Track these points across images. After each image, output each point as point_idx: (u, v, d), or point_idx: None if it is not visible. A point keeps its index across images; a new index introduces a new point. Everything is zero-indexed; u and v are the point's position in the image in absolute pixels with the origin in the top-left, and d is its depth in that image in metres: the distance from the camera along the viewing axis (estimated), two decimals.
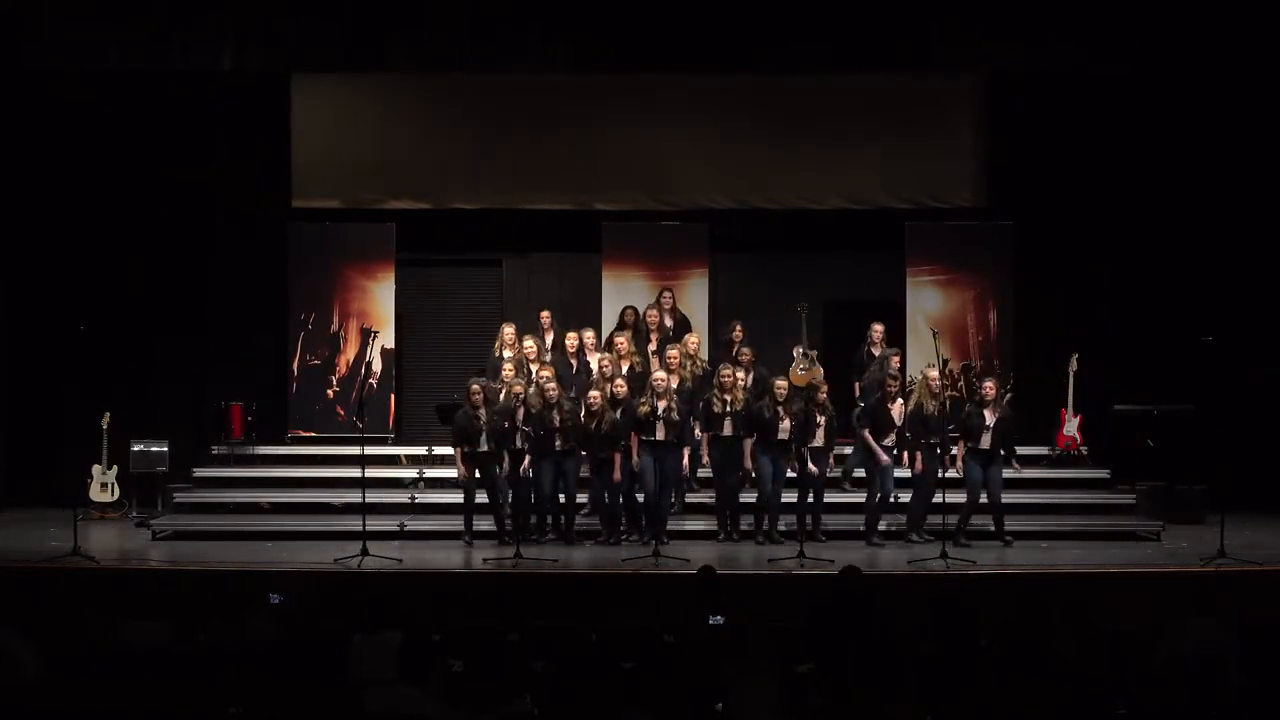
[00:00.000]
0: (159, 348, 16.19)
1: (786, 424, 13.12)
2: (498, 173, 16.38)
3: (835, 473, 14.06)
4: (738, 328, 14.56)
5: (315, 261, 15.98)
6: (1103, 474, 14.80)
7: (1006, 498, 13.71)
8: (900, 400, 13.57)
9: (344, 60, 14.30)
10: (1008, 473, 13.46)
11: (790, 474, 13.31)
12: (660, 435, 13.04)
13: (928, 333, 15.12)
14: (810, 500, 13.32)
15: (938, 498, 12.98)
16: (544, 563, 12.33)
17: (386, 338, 15.81)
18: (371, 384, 15.35)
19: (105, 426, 15.17)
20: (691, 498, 14.11)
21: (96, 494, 15.22)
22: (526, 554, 12.46)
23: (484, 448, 13.17)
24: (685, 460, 13.42)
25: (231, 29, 13.95)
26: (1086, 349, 15.22)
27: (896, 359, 14.38)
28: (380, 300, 15.95)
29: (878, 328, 14.88)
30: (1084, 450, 14.96)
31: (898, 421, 13.43)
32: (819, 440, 13.23)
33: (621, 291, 15.78)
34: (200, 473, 15.07)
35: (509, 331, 14.44)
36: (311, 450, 15.52)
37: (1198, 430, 14.55)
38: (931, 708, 7.39)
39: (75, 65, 14.15)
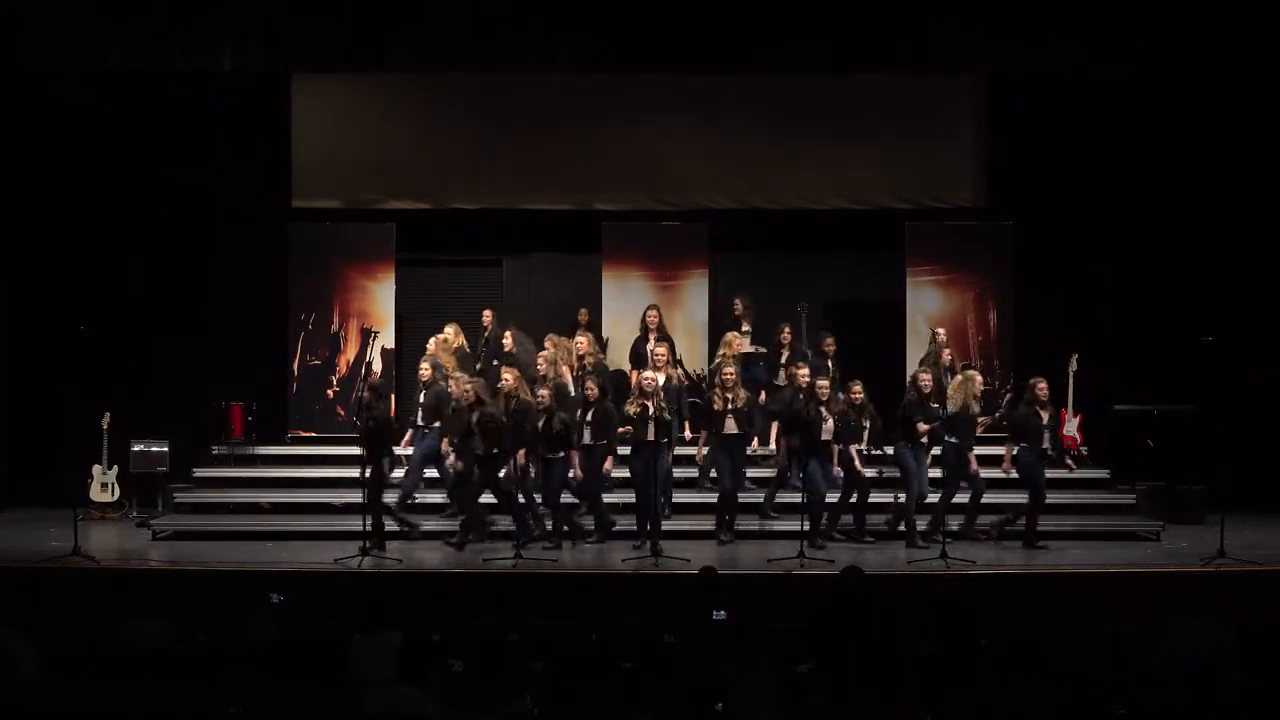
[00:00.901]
0: (159, 348, 16.20)
1: (830, 424, 13.01)
2: (498, 173, 16.39)
3: (872, 472, 13.81)
4: (829, 340, 14.63)
5: (315, 261, 15.99)
6: (1103, 474, 14.80)
7: (1007, 498, 13.75)
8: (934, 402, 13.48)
9: (344, 60, 14.31)
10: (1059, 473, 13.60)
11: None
12: (650, 435, 12.85)
13: (928, 333, 15.17)
14: (854, 500, 13.32)
15: (932, 497, 13.02)
16: (544, 563, 12.32)
17: (386, 338, 15.83)
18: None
19: (105, 426, 15.17)
20: (689, 497, 14.10)
21: (97, 494, 15.22)
22: (527, 554, 12.46)
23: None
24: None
25: (231, 29, 13.96)
26: (1086, 349, 15.22)
27: (948, 354, 14.40)
28: (380, 300, 15.96)
29: (940, 331, 14.93)
30: (1084, 450, 14.95)
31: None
32: (863, 443, 13.18)
33: (622, 291, 15.81)
34: (200, 473, 15.08)
35: (449, 331, 14.64)
36: (311, 450, 15.52)
37: (1198, 430, 14.55)
38: (931, 708, 7.39)
39: (75, 65, 14.16)
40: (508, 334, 14.68)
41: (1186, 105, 15.65)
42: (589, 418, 13.14)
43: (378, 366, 15.50)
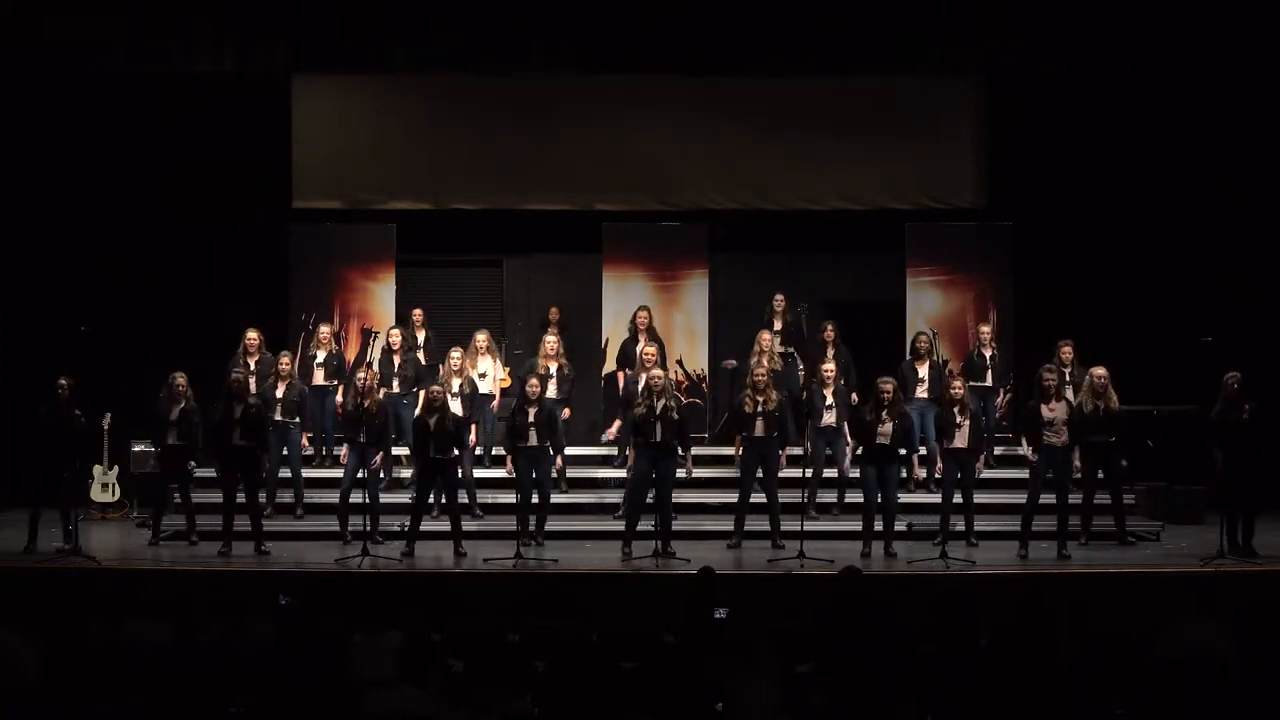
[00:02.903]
0: (159, 348, 16.17)
1: (888, 428, 12.61)
2: (498, 173, 16.39)
3: (984, 473, 13.58)
4: (829, 327, 14.58)
5: (316, 262, 16.00)
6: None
7: (1007, 498, 13.76)
8: (1056, 400, 13.16)
9: (344, 60, 14.30)
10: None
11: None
12: (659, 437, 12.67)
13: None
14: (958, 501, 12.92)
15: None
16: (544, 563, 12.33)
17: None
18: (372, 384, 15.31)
19: (106, 426, 15.17)
20: (690, 498, 14.08)
21: (97, 494, 15.22)
22: (527, 554, 12.45)
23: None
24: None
25: (232, 30, 13.96)
26: (1086, 349, 15.19)
27: (1068, 349, 14.26)
28: (380, 300, 15.97)
29: (985, 330, 14.93)
30: None
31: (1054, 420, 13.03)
32: (960, 441, 12.79)
33: (622, 292, 15.81)
34: (201, 473, 15.04)
35: (325, 331, 14.95)
36: (312, 450, 15.49)
37: (1198, 430, 14.53)
38: (931, 708, 7.40)
39: (76, 67, 14.15)
40: (394, 331, 14.85)
41: (1186, 106, 15.64)
42: (531, 419, 12.96)
43: (378, 367, 15.51)
